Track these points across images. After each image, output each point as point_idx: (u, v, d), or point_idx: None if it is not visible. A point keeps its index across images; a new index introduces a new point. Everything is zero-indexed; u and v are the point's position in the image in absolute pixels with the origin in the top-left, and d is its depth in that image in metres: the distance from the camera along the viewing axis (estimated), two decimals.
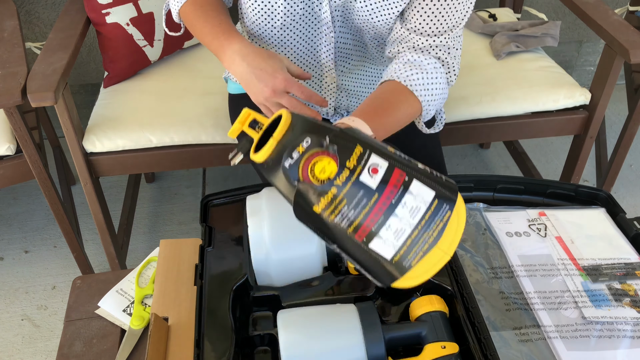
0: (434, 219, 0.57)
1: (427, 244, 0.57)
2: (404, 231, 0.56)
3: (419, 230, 0.57)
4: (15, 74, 1.23)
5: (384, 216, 0.56)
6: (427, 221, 0.57)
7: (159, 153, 1.38)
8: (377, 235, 0.57)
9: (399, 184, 0.56)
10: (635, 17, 1.82)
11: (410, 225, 0.57)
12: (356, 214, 0.56)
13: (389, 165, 0.57)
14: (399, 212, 0.56)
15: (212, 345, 0.65)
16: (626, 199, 1.96)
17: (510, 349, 0.68)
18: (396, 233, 0.57)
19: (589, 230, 0.84)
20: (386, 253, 0.57)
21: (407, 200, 0.56)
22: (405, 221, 0.56)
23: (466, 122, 1.43)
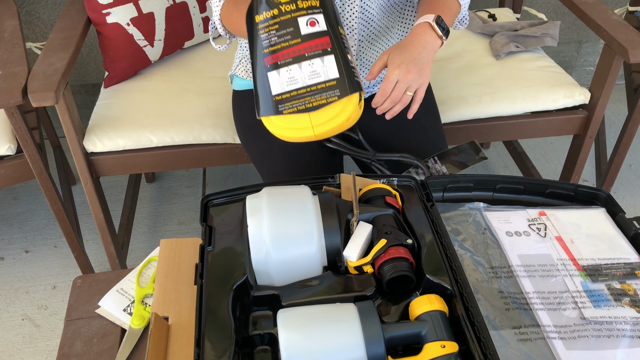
0: (323, 93, 0.65)
1: (304, 106, 0.65)
2: (296, 82, 0.65)
3: (307, 91, 0.65)
4: (16, 74, 1.23)
5: (293, 59, 0.65)
6: (317, 90, 0.65)
7: (159, 153, 1.38)
8: (277, 69, 0.65)
9: (320, 47, 0.65)
10: (634, 17, 1.82)
11: (304, 83, 0.65)
12: (277, 41, 0.65)
13: (325, 31, 0.65)
14: (304, 65, 0.65)
15: (212, 345, 0.65)
16: (626, 198, 1.96)
17: (509, 349, 0.68)
18: (290, 79, 0.65)
19: (588, 230, 0.84)
20: (274, 88, 0.66)
21: (315, 62, 0.65)
22: (303, 76, 0.65)
23: (466, 122, 1.43)
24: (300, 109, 0.66)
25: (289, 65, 0.65)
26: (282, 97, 0.66)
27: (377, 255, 0.73)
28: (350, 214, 0.78)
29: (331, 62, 0.65)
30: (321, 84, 0.65)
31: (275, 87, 0.65)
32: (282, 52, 0.65)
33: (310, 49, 0.65)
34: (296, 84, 0.65)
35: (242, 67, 1.23)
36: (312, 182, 0.85)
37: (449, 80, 1.48)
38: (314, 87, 0.65)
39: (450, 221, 0.85)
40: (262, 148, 1.15)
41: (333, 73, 0.66)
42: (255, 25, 0.66)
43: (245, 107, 1.22)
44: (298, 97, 0.65)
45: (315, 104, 0.65)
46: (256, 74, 0.66)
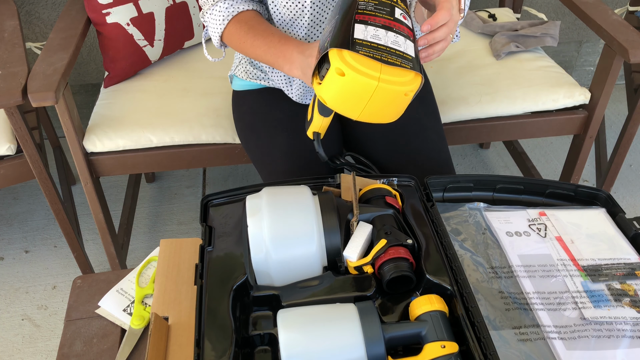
0: (399, 57, 0.69)
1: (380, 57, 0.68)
2: (379, 40, 0.69)
3: (386, 50, 0.69)
4: (16, 74, 1.23)
5: (382, 26, 0.70)
6: (395, 53, 0.69)
7: (159, 153, 1.38)
8: (366, 25, 0.70)
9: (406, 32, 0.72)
10: (634, 17, 1.82)
11: (385, 43, 0.70)
12: (373, 10, 0.71)
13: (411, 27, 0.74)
14: (390, 34, 0.70)
15: (212, 345, 0.65)
16: (626, 199, 1.96)
17: (509, 349, 0.68)
18: (375, 36, 0.69)
19: (588, 230, 0.84)
20: (357, 34, 0.69)
21: (399, 38, 0.71)
22: (386, 39, 0.70)
23: (466, 122, 1.43)
24: (376, 57, 0.68)
25: (377, 27, 0.70)
26: (362, 41, 0.68)
27: (377, 256, 0.73)
28: (350, 214, 0.77)
29: (410, 46, 0.71)
30: (400, 51, 0.70)
31: (358, 33, 0.69)
32: (376, 18, 0.70)
33: (399, 28, 0.71)
34: (379, 41, 0.69)
35: (241, 67, 1.23)
36: (312, 182, 0.85)
37: (449, 80, 1.48)
38: (392, 49, 0.69)
39: (450, 221, 0.85)
40: (262, 148, 1.15)
41: (411, 52, 0.71)
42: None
43: (245, 108, 1.22)
44: (377, 48, 0.68)
45: (390, 60, 0.68)
46: (341, 20, 0.70)
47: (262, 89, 1.22)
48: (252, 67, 1.21)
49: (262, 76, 1.20)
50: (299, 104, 1.18)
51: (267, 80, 1.20)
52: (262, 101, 1.20)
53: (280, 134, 1.14)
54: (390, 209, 0.79)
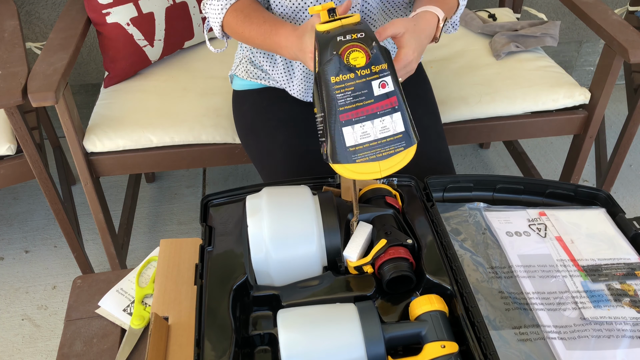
0: (391, 144, 0.74)
1: (375, 156, 0.74)
2: (369, 136, 0.74)
3: (378, 143, 0.74)
4: (16, 74, 1.23)
5: (366, 117, 0.73)
6: (386, 142, 0.74)
7: (159, 153, 1.38)
8: (352, 125, 0.73)
9: (389, 106, 0.74)
10: (634, 17, 1.82)
11: (375, 136, 0.74)
12: (352, 101, 0.73)
13: (393, 91, 0.74)
14: (376, 122, 0.74)
15: (212, 345, 0.65)
16: (626, 199, 1.96)
17: (509, 349, 0.68)
18: (364, 134, 0.74)
19: (588, 230, 0.84)
20: (348, 140, 0.73)
21: (386, 119, 0.74)
22: (374, 131, 0.74)
23: (466, 122, 1.43)
24: (371, 158, 0.75)
25: (362, 122, 0.74)
26: (355, 148, 0.74)
27: (377, 255, 0.73)
28: (350, 214, 0.78)
29: (398, 118, 0.75)
30: (390, 137, 0.75)
31: (349, 139, 0.74)
32: (357, 110, 0.74)
33: (381, 108, 0.74)
34: (368, 138, 0.74)
35: (242, 67, 1.23)
36: (312, 182, 0.85)
37: (449, 80, 1.48)
38: (383, 140, 0.75)
39: (450, 221, 0.85)
40: (262, 148, 1.15)
41: (400, 127, 0.75)
42: (330, 85, 0.74)
43: (246, 107, 1.22)
44: (370, 148, 0.74)
45: (384, 153, 0.75)
46: (330, 127, 0.74)
47: (262, 88, 1.22)
48: (253, 66, 1.21)
49: (262, 75, 1.20)
50: (300, 104, 1.18)
51: (268, 80, 1.20)
52: (262, 101, 1.20)
53: (281, 133, 1.14)
54: (390, 209, 0.79)
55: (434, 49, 1.60)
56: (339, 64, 0.73)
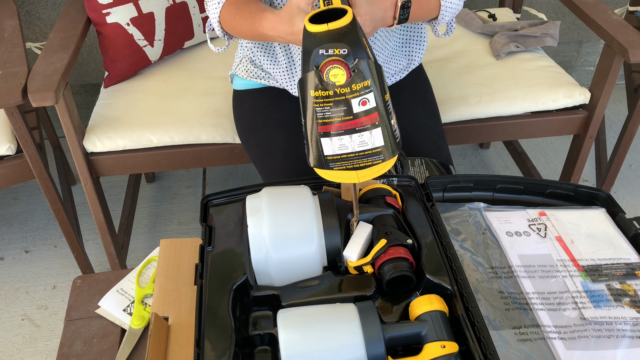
0: (369, 157, 0.74)
1: (352, 166, 0.74)
2: (346, 148, 0.74)
3: (355, 156, 0.74)
4: (16, 74, 1.23)
5: (345, 132, 0.73)
6: (365, 155, 0.74)
7: (159, 153, 1.38)
8: (330, 137, 0.73)
9: (369, 122, 0.73)
10: (634, 17, 1.82)
11: (353, 149, 0.74)
12: (330, 116, 0.72)
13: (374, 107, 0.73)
14: (354, 136, 0.73)
15: (212, 345, 0.65)
16: (626, 199, 1.96)
17: (509, 349, 0.68)
18: (342, 146, 0.73)
19: (588, 230, 0.84)
20: (326, 150, 0.74)
21: (364, 135, 0.73)
22: (352, 144, 0.73)
23: (466, 122, 1.43)
24: (348, 167, 0.75)
25: (340, 136, 0.74)
26: (332, 157, 0.75)
27: (377, 255, 0.73)
28: (350, 214, 0.78)
29: (378, 134, 0.74)
30: (368, 150, 0.74)
31: (327, 149, 0.74)
32: (335, 124, 0.73)
33: (360, 124, 0.73)
34: (346, 150, 0.74)
35: (242, 66, 1.23)
36: (312, 182, 0.85)
37: (449, 80, 1.48)
38: (361, 152, 0.74)
39: (450, 221, 0.85)
40: (262, 148, 1.15)
41: (379, 142, 0.74)
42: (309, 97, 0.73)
43: (246, 107, 1.22)
44: (347, 159, 0.75)
45: (362, 164, 0.75)
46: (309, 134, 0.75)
47: (262, 88, 1.22)
48: (253, 66, 1.21)
49: (263, 75, 1.20)
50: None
51: (268, 79, 1.20)
52: (262, 100, 1.20)
53: (281, 133, 1.14)
54: (390, 209, 0.79)
55: (434, 49, 1.60)
56: (318, 80, 0.71)
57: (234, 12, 0.99)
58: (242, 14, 0.97)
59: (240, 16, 0.98)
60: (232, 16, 1.00)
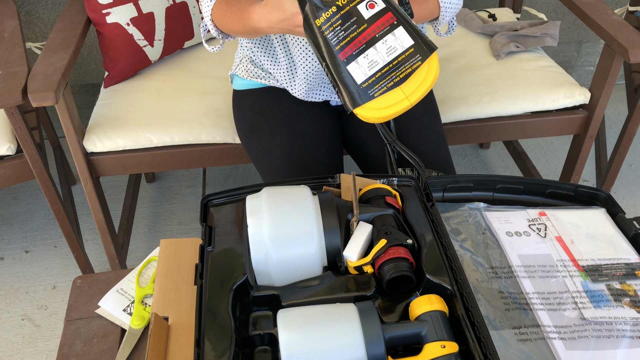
0: (405, 63, 0.67)
1: (393, 82, 0.67)
2: (377, 64, 0.67)
3: (390, 67, 0.67)
4: (16, 74, 1.23)
5: (366, 45, 0.67)
6: (399, 62, 0.67)
7: (159, 153, 1.38)
8: (355, 60, 0.67)
9: (387, 23, 0.67)
10: (634, 17, 1.82)
11: (384, 61, 0.67)
12: (345, 35, 0.67)
13: (385, 8, 0.67)
14: (378, 46, 0.67)
15: (212, 345, 0.65)
16: (626, 199, 1.96)
17: (509, 349, 0.68)
18: (371, 63, 0.67)
19: (588, 230, 0.84)
20: (358, 77, 0.67)
21: (388, 39, 0.67)
22: (381, 56, 0.67)
23: (466, 122, 1.43)
24: (389, 86, 0.68)
25: (364, 52, 0.67)
26: (368, 82, 0.68)
27: (377, 256, 0.73)
28: (350, 214, 0.77)
29: (402, 33, 0.67)
30: (400, 55, 0.67)
31: (358, 76, 0.67)
32: (354, 42, 0.67)
33: (378, 29, 0.67)
34: (377, 66, 0.67)
35: (242, 66, 1.23)
36: (312, 182, 0.85)
37: (449, 80, 1.48)
38: (394, 61, 0.67)
39: (450, 221, 0.85)
40: (262, 148, 1.15)
41: (408, 42, 0.67)
42: (317, 30, 0.68)
43: (246, 107, 1.22)
44: (383, 76, 0.67)
45: (402, 76, 0.67)
46: (335, 72, 0.68)
47: (262, 88, 1.22)
48: (253, 65, 1.21)
49: (263, 75, 1.20)
50: (300, 103, 1.18)
51: (269, 79, 1.20)
52: (262, 100, 1.20)
53: (281, 133, 1.14)
54: (390, 209, 0.79)
55: None
56: (318, 3, 0.67)
57: (225, 9, 0.99)
58: (233, 10, 0.97)
59: (232, 12, 0.97)
60: (224, 13, 1.00)
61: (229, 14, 0.98)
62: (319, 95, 1.18)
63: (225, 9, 0.99)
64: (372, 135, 1.17)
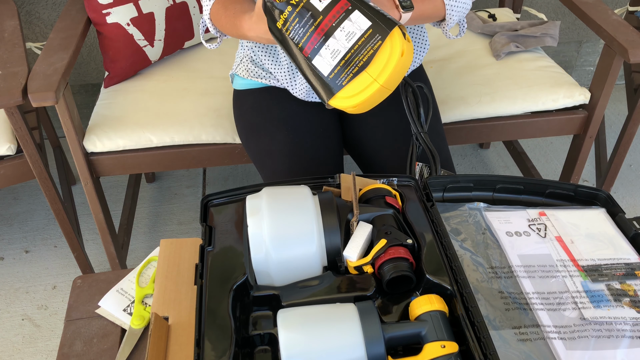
0: (366, 45, 0.66)
1: (357, 67, 0.67)
2: (339, 52, 0.67)
3: (352, 53, 0.67)
4: (16, 74, 1.23)
5: (325, 36, 0.67)
6: (360, 46, 0.66)
7: (159, 153, 1.38)
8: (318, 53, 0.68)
9: (341, 10, 0.67)
10: (634, 17, 1.82)
11: (345, 48, 0.67)
12: (304, 31, 0.68)
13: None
14: (337, 34, 0.67)
15: (212, 345, 0.65)
16: (626, 199, 1.96)
17: (509, 349, 0.68)
18: (333, 53, 0.67)
19: (588, 230, 0.84)
20: (324, 70, 0.68)
21: (345, 26, 0.67)
22: (341, 44, 0.67)
23: (466, 122, 1.43)
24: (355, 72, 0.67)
25: (325, 43, 0.68)
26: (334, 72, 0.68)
27: (377, 255, 0.73)
28: (350, 214, 0.78)
29: (358, 17, 0.67)
30: (360, 39, 0.67)
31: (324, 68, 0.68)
32: (313, 36, 0.68)
33: (334, 18, 0.67)
34: (340, 55, 0.68)
35: (242, 66, 1.23)
36: (312, 182, 0.85)
37: (449, 80, 1.48)
38: (355, 46, 0.67)
39: (450, 221, 0.85)
40: (263, 148, 1.16)
41: (365, 24, 0.67)
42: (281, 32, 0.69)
43: (246, 107, 1.22)
44: (347, 63, 0.67)
45: (364, 59, 0.67)
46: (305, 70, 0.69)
47: (263, 88, 1.22)
48: (254, 65, 1.21)
49: (263, 74, 1.20)
50: (301, 103, 1.18)
51: (269, 79, 1.20)
52: (263, 100, 1.20)
53: (281, 133, 1.14)
54: (390, 209, 0.79)
55: (434, 49, 1.60)
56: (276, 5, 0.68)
57: (221, 11, 1.00)
58: (228, 14, 0.98)
59: (226, 16, 0.99)
60: (220, 16, 1.01)
61: (224, 17, 0.99)
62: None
63: (221, 11, 1.00)
64: (372, 135, 1.17)
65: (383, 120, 1.16)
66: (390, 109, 1.16)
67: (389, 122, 1.15)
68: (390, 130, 1.15)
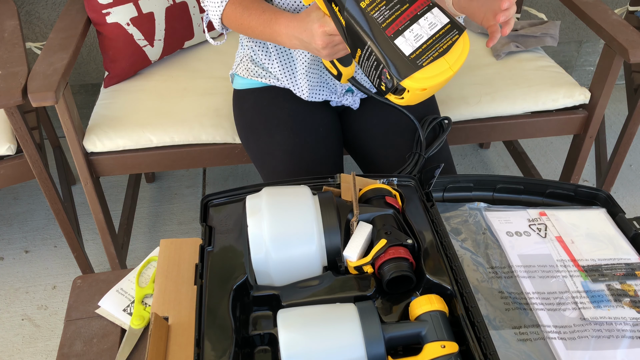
0: (445, 36, 0.75)
1: (438, 52, 0.75)
2: (422, 37, 0.75)
3: (433, 40, 0.75)
4: (16, 74, 1.23)
5: (410, 21, 0.75)
6: (440, 35, 0.75)
7: (159, 153, 1.38)
8: (402, 34, 0.75)
9: (424, 4, 0.76)
10: (634, 17, 1.82)
11: (427, 35, 0.75)
12: (390, 13, 0.75)
13: None
14: (421, 22, 0.75)
15: (212, 345, 0.65)
16: (626, 199, 1.96)
17: (509, 349, 0.68)
18: (416, 37, 0.75)
19: (588, 230, 0.84)
20: (406, 49, 0.75)
21: (428, 16, 0.76)
22: (424, 30, 0.75)
23: (466, 122, 1.43)
24: (435, 56, 0.75)
25: (409, 27, 0.76)
26: (416, 53, 0.75)
27: (377, 255, 0.73)
28: (350, 214, 0.77)
29: (438, 12, 0.77)
30: (441, 30, 0.76)
31: (406, 48, 0.75)
32: (399, 19, 0.75)
33: (419, 8, 0.76)
34: (423, 39, 0.75)
35: (243, 65, 1.23)
36: (312, 182, 0.85)
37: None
38: (436, 35, 0.76)
39: (450, 221, 0.85)
40: (263, 147, 1.15)
41: (444, 19, 0.76)
42: (362, 11, 0.76)
43: (246, 106, 1.22)
44: (429, 47, 0.75)
45: (444, 47, 0.75)
46: (382, 48, 0.76)
47: (263, 87, 1.22)
48: (254, 65, 1.21)
49: (264, 74, 1.20)
50: (301, 103, 1.18)
51: (269, 78, 1.20)
52: (263, 100, 1.20)
53: (281, 133, 1.14)
54: (390, 209, 0.79)
55: None
56: None
57: (241, 10, 1.02)
58: (252, 12, 1.00)
59: (250, 14, 1.00)
60: (239, 14, 1.02)
61: (247, 14, 1.01)
62: (320, 95, 1.18)
63: (240, 9, 1.02)
64: (372, 135, 1.17)
65: (383, 120, 1.16)
66: (391, 109, 1.16)
67: (389, 122, 1.15)
68: (390, 130, 1.15)
